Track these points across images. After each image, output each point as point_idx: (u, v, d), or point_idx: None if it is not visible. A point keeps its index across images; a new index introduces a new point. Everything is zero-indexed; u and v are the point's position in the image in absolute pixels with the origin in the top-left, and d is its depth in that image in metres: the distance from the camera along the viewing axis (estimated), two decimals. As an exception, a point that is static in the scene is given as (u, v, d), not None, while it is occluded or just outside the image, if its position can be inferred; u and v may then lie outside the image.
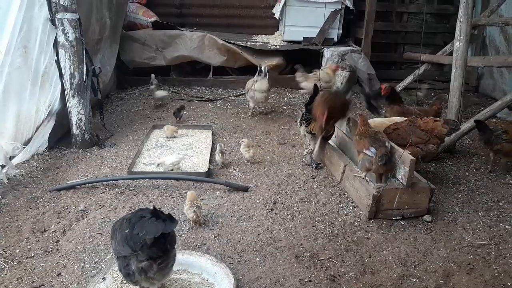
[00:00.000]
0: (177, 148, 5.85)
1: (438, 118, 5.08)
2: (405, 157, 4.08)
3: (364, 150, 4.38)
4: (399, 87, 7.93)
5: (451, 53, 6.50)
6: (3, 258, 3.51)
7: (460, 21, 5.42)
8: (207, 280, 3.23)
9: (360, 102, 8.11)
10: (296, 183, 4.93)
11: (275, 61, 8.88)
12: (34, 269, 3.41)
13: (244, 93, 8.57)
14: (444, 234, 3.99)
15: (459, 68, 5.49)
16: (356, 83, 5.10)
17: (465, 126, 5.63)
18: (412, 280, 3.37)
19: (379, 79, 8.91)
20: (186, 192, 4.61)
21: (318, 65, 9.05)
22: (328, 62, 8.88)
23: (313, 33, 9.07)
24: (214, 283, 3.18)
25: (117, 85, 8.54)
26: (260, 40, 9.49)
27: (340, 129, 5.26)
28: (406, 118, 5.12)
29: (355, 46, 9.18)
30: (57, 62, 5.30)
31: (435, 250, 3.75)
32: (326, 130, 4.79)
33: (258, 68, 7.22)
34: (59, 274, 3.34)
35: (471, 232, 4.04)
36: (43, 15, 4.99)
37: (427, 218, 4.20)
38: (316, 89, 5.55)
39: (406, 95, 8.25)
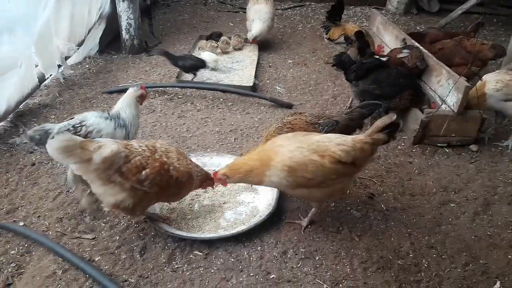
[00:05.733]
0: (223, 60, 5.83)
1: (485, 42, 4.88)
2: (459, 83, 3.93)
3: (398, 56, 4.60)
4: (460, 9, 7.35)
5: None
6: (64, 151, 3.79)
7: None
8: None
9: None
10: (341, 103, 4.89)
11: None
12: (92, 163, 3.68)
13: (293, 6, 8.27)
14: (489, 165, 3.95)
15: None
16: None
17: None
18: (451, 205, 3.43)
19: (439, 1, 8.29)
20: (232, 104, 4.74)
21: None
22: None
23: None
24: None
25: (164, -9, 8.36)
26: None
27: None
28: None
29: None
30: (108, -37, 5.22)
31: (477, 179, 3.74)
32: None
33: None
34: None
35: (517, 165, 3.98)
36: None
37: (473, 147, 4.14)
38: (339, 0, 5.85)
39: (464, 20, 7.70)
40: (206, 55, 5.42)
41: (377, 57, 4.60)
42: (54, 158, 2.45)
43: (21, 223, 2.98)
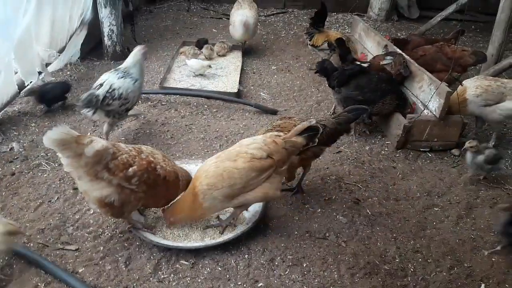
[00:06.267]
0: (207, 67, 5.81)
1: (466, 48, 5.01)
2: (441, 88, 3.99)
3: (381, 63, 4.61)
4: (439, 16, 7.49)
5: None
6: (45, 159, 3.72)
7: None
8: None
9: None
10: (325, 109, 4.92)
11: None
12: (75, 172, 3.61)
13: (276, 13, 8.31)
14: (470, 169, 4.02)
15: (508, -1, 5.14)
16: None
17: (506, 62, 5.38)
18: (435, 209, 3.47)
19: (419, 8, 8.44)
20: (217, 111, 4.73)
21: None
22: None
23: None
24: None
25: (146, -3, 8.31)
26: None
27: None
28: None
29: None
30: (90, -32, 5.17)
31: (460, 183, 3.80)
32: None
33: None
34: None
35: (498, 168, 4.05)
36: None
37: (455, 152, 4.21)
38: (323, 7, 5.82)
39: (443, 27, 7.86)
40: (194, 62, 5.41)
41: (358, 63, 4.65)
42: (50, 147, 2.50)
43: (1, 235, 2.90)
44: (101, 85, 3.70)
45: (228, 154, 2.83)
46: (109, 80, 3.73)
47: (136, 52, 3.97)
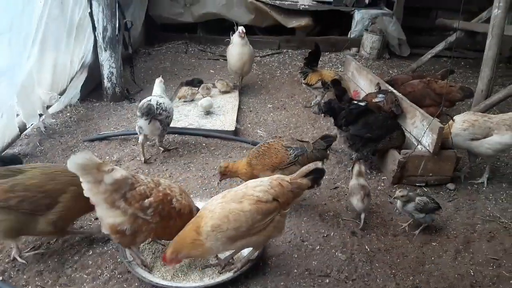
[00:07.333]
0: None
1: (453, 84, 5.20)
2: (434, 124, 4.10)
3: (373, 100, 4.76)
4: (430, 54, 7.75)
5: (486, 21, 6.31)
6: (44, 201, 3.73)
7: (500, -13, 5.21)
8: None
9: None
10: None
11: (303, 21, 8.73)
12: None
13: (271, 53, 8.56)
14: (466, 203, 4.06)
15: (495, 37, 5.34)
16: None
17: (496, 97, 5.53)
18: (433, 244, 3.48)
19: (410, 46, 8.72)
20: (215, 149, 4.80)
21: (348, 28, 8.87)
22: (358, 25, 8.70)
23: (344, -7, 8.82)
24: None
25: (145, 41, 8.57)
26: (289, -1, 9.27)
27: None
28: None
29: (387, 9, 8.93)
30: (91, 14, 5.37)
31: (456, 217, 3.83)
32: None
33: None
34: (96, 219, 3.56)
35: (494, 202, 4.09)
36: (78, -34, 5.02)
37: (451, 186, 4.26)
38: (316, 47, 6.02)
39: (434, 63, 8.11)
40: (207, 101, 5.60)
41: (356, 102, 4.76)
42: (73, 171, 2.54)
43: (-1, 278, 2.89)
44: (149, 100, 4.27)
45: (235, 195, 2.80)
46: (154, 98, 4.35)
47: (158, 83, 4.73)
